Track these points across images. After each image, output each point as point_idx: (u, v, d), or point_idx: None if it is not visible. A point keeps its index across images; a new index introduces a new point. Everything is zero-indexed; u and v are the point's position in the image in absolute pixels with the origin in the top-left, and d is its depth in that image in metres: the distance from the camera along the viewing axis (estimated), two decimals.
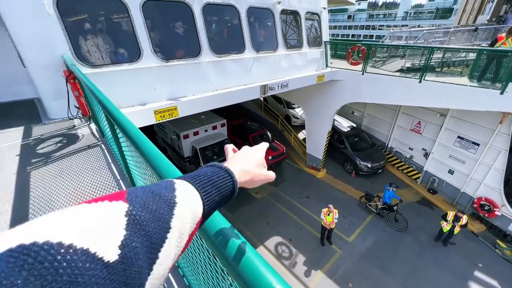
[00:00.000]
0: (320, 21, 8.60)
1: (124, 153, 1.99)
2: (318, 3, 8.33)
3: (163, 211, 0.36)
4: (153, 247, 0.32)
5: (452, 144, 9.68)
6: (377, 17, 60.16)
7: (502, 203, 8.42)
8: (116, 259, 0.26)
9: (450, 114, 9.44)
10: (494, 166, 8.48)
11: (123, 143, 1.87)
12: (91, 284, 0.22)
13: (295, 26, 7.98)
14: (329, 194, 10.77)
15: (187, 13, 5.30)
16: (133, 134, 1.10)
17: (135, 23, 4.63)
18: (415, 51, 9.12)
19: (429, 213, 9.76)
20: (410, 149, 11.53)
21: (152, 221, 0.33)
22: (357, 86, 8.72)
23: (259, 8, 6.65)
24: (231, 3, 5.98)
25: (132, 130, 1.14)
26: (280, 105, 16.10)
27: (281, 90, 7.35)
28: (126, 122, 1.24)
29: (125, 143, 1.80)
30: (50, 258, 0.21)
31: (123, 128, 1.22)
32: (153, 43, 4.92)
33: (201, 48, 5.60)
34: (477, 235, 8.71)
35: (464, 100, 6.79)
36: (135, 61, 4.77)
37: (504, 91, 5.98)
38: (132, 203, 0.33)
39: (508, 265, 7.73)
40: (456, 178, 9.83)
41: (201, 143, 10.21)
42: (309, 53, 8.30)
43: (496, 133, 8.19)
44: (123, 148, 1.92)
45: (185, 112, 5.42)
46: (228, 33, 6.43)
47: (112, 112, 1.42)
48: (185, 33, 5.47)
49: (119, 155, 2.26)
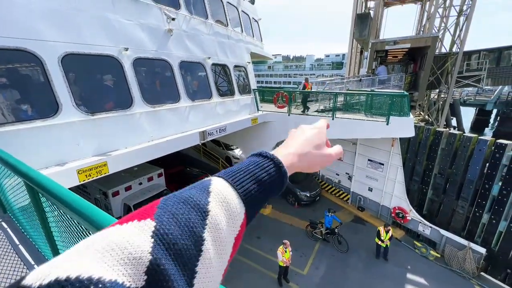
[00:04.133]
0: (247, 72, 9.80)
1: (47, 221, 1.65)
2: (243, 58, 9.59)
3: (193, 224, 0.34)
4: (187, 262, 0.31)
5: (365, 166, 11.73)
6: (291, 67, 72.55)
7: (409, 209, 10.39)
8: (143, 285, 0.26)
9: (359, 142, 11.65)
10: (397, 179, 10.61)
11: (47, 208, 1.58)
12: None
13: (226, 77, 8.81)
14: (278, 229, 10.92)
15: (116, 66, 5.20)
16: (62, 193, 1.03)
17: (52, 76, 4.21)
18: (325, 95, 11.30)
19: (363, 229, 11.02)
20: (337, 174, 13.29)
21: (182, 237, 0.32)
22: (286, 125, 9.92)
23: (191, 62, 7.14)
24: (162, 58, 6.24)
25: (60, 189, 1.06)
26: (219, 147, 16.33)
27: (220, 134, 7.63)
28: (51, 183, 1.14)
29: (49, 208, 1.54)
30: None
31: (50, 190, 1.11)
32: (76, 96, 4.50)
33: (133, 99, 5.44)
34: (400, 240, 10.24)
35: (364, 131, 8.65)
36: (51, 116, 4.19)
37: (388, 123, 7.95)
38: (160, 220, 0.32)
39: (426, 261, 9.23)
40: (375, 194, 11.71)
41: (135, 199, 9.05)
42: (241, 99, 9.13)
43: (392, 153, 10.50)
44: (48, 214, 1.61)
45: (117, 167, 4.88)
46: (162, 84, 6.53)
47: (33, 174, 1.26)
48: (115, 85, 5.26)
49: (35, 228, 1.84)
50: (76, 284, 0.22)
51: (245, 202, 0.41)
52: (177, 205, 0.34)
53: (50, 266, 0.24)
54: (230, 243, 0.38)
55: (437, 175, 10.46)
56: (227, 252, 0.38)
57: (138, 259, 0.27)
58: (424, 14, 22.11)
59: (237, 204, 0.39)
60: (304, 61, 73.59)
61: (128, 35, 5.42)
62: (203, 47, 7.54)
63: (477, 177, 9.09)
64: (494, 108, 30.95)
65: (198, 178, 12.09)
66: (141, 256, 0.27)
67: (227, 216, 0.38)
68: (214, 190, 0.39)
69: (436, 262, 9.14)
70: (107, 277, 0.24)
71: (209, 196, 0.38)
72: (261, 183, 0.43)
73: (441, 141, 10.02)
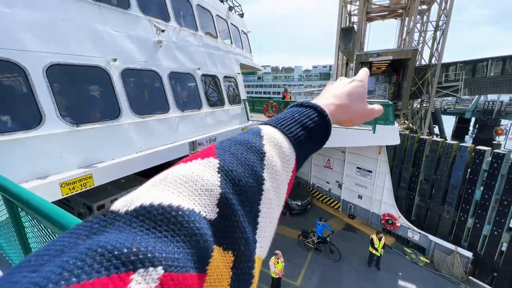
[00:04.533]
0: (236, 83, 9.92)
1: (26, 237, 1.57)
2: (233, 69, 9.73)
3: (253, 163, 0.34)
4: (251, 200, 0.32)
5: (354, 173, 11.92)
6: (280, 78, 74.04)
7: (398, 215, 10.57)
8: (216, 217, 0.27)
9: (348, 150, 11.89)
10: (385, 186, 10.83)
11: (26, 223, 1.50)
12: (202, 236, 0.25)
13: (216, 87, 8.87)
14: None
15: (104, 77, 5.14)
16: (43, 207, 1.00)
17: (36, 87, 4.11)
18: None
19: (354, 237, 11.06)
20: (327, 182, 13.40)
21: (245, 175, 0.32)
22: None
23: (181, 73, 7.17)
24: (152, 69, 6.23)
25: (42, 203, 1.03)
26: None
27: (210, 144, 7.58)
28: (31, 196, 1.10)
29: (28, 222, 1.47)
30: (167, 215, 0.24)
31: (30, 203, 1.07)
32: (60, 107, 4.39)
33: (120, 110, 5.36)
34: (391, 247, 10.33)
35: (352, 140, 8.86)
36: (34, 127, 4.05)
37: (375, 131, 8.20)
38: (222, 158, 0.32)
39: (417, 267, 9.31)
40: (365, 201, 11.85)
41: None
42: (231, 109, 9.18)
43: (379, 161, 10.76)
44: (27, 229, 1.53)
45: (103, 179, 4.74)
46: (151, 94, 6.49)
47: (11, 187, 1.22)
48: (102, 96, 5.18)
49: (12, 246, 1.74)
50: (159, 209, 0.24)
51: (295, 147, 0.41)
52: (235, 146, 0.35)
53: (134, 196, 0.26)
54: (285, 187, 0.38)
55: (423, 181, 10.76)
56: (283, 194, 0.38)
57: (210, 191, 0.28)
58: (404, 29, 23.42)
59: (288, 149, 0.39)
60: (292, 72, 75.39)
61: (117, 46, 5.41)
62: (193, 58, 7.61)
63: (460, 182, 9.42)
64: (472, 116, 32.61)
65: None
66: (212, 189, 0.28)
67: (281, 159, 0.38)
68: (266, 135, 0.39)
69: (426, 267, 9.24)
70: (185, 205, 0.25)
71: (262, 139, 0.38)
72: (308, 130, 0.43)
73: (425, 148, 10.39)
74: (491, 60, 18.70)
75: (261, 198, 0.33)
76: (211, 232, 0.26)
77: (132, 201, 0.24)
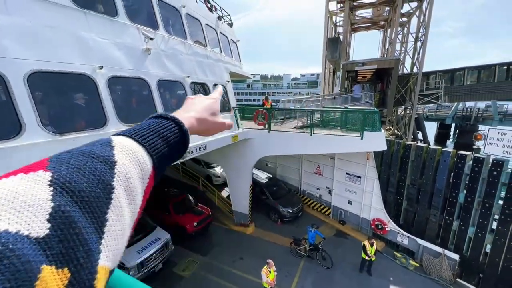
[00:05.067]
0: (226, 91, 9.93)
1: None
2: (223, 77, 9.76)
3: (100, 172, 0.33)
4: (96, 210, 0.31)
5: (344, 179, 12.08)
6: (269, 86, 75.02)
7: (387, 220, 10.73)
8: (47, 233, 0.25)
9: (337, 156, 12.07)
10: (374, 191, 11.01)
11: None
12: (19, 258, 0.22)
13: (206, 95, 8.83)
14: (262, 248, 10.60)
15: (89, 85, 5.00)
16: None
17: (15, 94, 3.92)
18: (302, 113, 11.74)
19: (345, 243, 11.10)
20: (317, 189, 13.49)
21: (88, 185, 0.31)
22: (266, 142, 10.04)
23: (169, 80, 7.10)
24: (140, 76, 6.14)
25: None
26: (199, 166, 15.95)
27: (200, 152, 7.48)
28: None
29: None
30: None
31: None
32: (42, 116, 4.21)
33: (107, 118, 5.20)
34: (382, 252, 10.42)
35: (341, 146, 9.02)
36: (12, 137, 3.84)
37: (362, 137, 8.39)
38: (57, 170, 0.30)
39: (407, 272, 9.42)
40: (355, 207, 11.98)
41: None
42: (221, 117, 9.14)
43: (367, 166, 10.97)
44: None
45: None
46: (139, 102, 6.37)
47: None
48: (87, 104, 5.02)
49: None
50: None
51: (152, 155, 0.42)
52: (76, 157, 0.33)
53: None
54: (140, 194, 0.39)
55: (409, 186, 11.05)
56: (138, 202, 0.38)
57: (37, 206, 0.26)
58: (387, 39, 24.52)
59: (144, 156, 0.41)
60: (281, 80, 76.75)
61: (104, 53, 5.30)
62: (182, 66, 7.57)
63: (444, 186, 9.74)
64: (452, 122, 34.17)
65: (177, 198, 11.57)
66: (39, 204, 0.26)
67: (136, 167, 0.39)
68: (117, 145, 0.39)
69: (416, 271, 9.37)
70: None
71: (113, 149, 0.38)
72: (165, 139, 0.46)
73: (411, 153, 10.72)
74: (467, 70, 19.82)
75: (109, 206, 0.33)
76: (39, 251, 0.24)
77: None
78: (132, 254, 7.94)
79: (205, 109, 0.61)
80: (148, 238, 8.80)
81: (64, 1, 4.65)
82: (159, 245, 8.70)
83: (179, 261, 9.64)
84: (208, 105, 0.63)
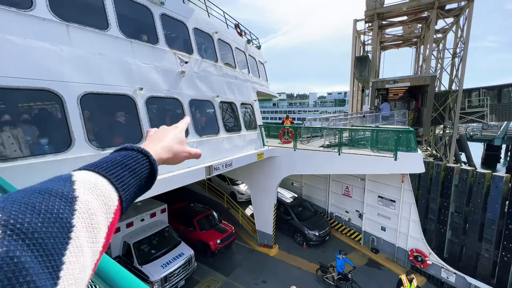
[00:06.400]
0: (253, 109, 10.18)
1: None
2: (250, 97, 10.07)
3: (58, 210, 0.31)
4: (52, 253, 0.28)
5: (376, 203, 11.22)
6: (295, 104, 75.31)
7: (428, 251, 9.56)
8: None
9: (367, 177, 11.35)
10: (411, 218, 10.00)
11: None
12: None
13: (233, 114, 9.14)
14: (286, 272, 10.04)
15: (130, 104, 5.49)
16: None
17: (70, 113, 4.45)
18: (330, 131, 11.47)
19: (379, 274, 10.03)
20: (346, 212, 12.66)
21: (43, 225, 0.29)
22: (292, 161, 9.87)
23: (201, 100, 7.52)
24: (174, 96, 6.60)
25: None
26: (225, 182, 16.12)
27: (226, 169, 7.59)
28: None
29: None
30: None
31: None
32: (89, 132, 4.68)
33: (143, 135, 5.61)
34: None
35: (371, 167, 8.48)
36: (63, 151, 4.31)
37: (396, 158, 7.84)
38: (6, 211, 0.27)
39: None
40: (389, 234, 10.94)
41: (136, 236, 8.69)
42: (247, 135, 9.31)
43: (403, 190, 10.11)
44: None
45: None
46: (172, 120, 6.78)
47: None
48: (126, 122, 5.49)
49: None
50: None
51: (118, 188, 0.40)
52: (30, 195, 0.31)
53: None
54: (103, 231, 0.36)
55: (454, 214, 9.85)
56: (100, 239, 0.35)
57: None
58: (420, 56, 23.51)
59: (110, 189, 0.39)
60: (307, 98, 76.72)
61: (144, 76, 5.85)
62: (212, 86, 8.01)
63: (498, 217, 8.50)
64: (502, 143, 30.52)
65: (202, 214, 11.69)
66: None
67: (100, 201, 0.37)
68: (78, 180, 0.37)
69: None
70: None
71: (73, 184, 0.36)
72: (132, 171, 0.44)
73: (453, 177, 9.68)
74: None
75: (67, 247, 0.30)
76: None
77: None
78: (156, 268, 8.03)
79: (171, 138, 0.62)
80: (172, 252, 8.87)
81: (115, 33, 5.31)
82: (183, 260, 8.71)
83: (201, 279, 9.51)
84: (173, 134, 0.65)
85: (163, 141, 0.60)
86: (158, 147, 0.56)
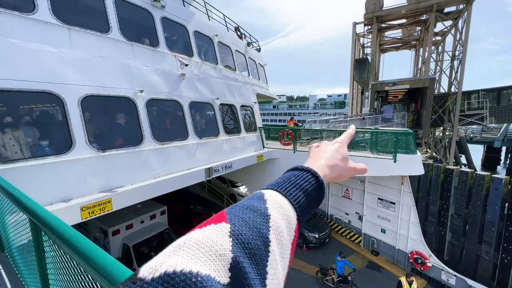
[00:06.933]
0: (253, 111, 10.23)
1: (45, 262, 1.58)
2: (250, 99, 10.11)
3: (260, 226, 0.35)
4: (259, 263, 0.32)
5: (376, 205, 11.21)
6: (295, 107, 75.46)
7: (428, 253, 9.54)
8: (228, 281, 0.27)
9: (367, 180, 11.36)
10: (411, 220, 9.99)
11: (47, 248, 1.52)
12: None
13: (233, 116, 9.18)
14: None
15: (130, 106, 5.53)
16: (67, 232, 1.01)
17: (71, 115, 4.49)
18: (329, 133, 11.49)
19: (379, 277, 10.00)
20: (346, 214, 12.65)
21: (253, 238, 0.33)
22: (291, 162, 9.86)
23: (201, 102, 7.56)
24: (174, 99, 6.64)
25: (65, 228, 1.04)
26: (224, 184, 16.12)
27: (226, 171, 7.61)
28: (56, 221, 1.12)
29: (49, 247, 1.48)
30: (188, 282, 0.25)
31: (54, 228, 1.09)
32: (89, 134, 4.71)
33: (143, 136, 5.64)
34: None
35: (371, 169, 8.49)
36: (64, 153, 4.33)
37: (396, 160, 7.86)
38: (232, 222, 0.33)
39: None
40: (389, 236, 10.91)
41: (135, 239, 8.66)
42: (247, 137, 9.35)
43: (402, 192, 10.11)
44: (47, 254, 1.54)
45: (121, 204, 4.82)
46: (172, 122, 6.82)
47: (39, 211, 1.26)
48: (127, 124, 5.52)
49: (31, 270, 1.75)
50: (182, 276, 0.25)
51: (296, 208, 0.43)
52: (243, 211, 0.36)
53: (158, 262, 0.27)
54: (288, 248, 0.39)
55: (454, 216, 9.85)
56: (287, 255, 0.39)
57: (223, 256, 0.29)
58: (419, 59, 23.62)
59: (290, 209, 0.42)
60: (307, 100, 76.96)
61: (144, 78, 5.89)
62: (213, 89, 8.05)
63: (498, 219, 8.50)
64: (502, 146, 30.54)
65: (201, 216, 11.68)
66: (225, 253, 0.29)
67: (284, 220, 0.40)
68: (269, 198, 0.41)
69: None
70: (203, 271, 0.26)
71: (266, 203, 0.40)
72: (305, 191, 0.47)
73: (453, 179, 9.69)
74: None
75: (268, 259, 0.34)
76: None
77: (157, 268, 0.26)
78: None
79: (335, 156, 0.60)
80: None
81: (116, 36, 5.37)
82: None
83: None
84: (336, 150, 0.62)
85: (326, 158, 0.58)
86: (322, 165, 0.56)
